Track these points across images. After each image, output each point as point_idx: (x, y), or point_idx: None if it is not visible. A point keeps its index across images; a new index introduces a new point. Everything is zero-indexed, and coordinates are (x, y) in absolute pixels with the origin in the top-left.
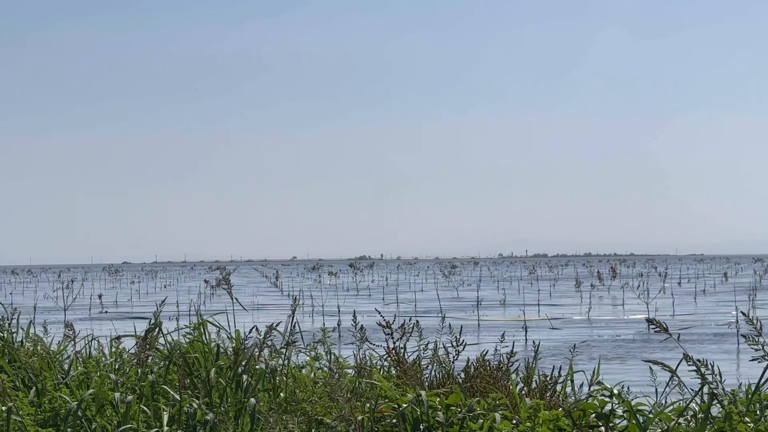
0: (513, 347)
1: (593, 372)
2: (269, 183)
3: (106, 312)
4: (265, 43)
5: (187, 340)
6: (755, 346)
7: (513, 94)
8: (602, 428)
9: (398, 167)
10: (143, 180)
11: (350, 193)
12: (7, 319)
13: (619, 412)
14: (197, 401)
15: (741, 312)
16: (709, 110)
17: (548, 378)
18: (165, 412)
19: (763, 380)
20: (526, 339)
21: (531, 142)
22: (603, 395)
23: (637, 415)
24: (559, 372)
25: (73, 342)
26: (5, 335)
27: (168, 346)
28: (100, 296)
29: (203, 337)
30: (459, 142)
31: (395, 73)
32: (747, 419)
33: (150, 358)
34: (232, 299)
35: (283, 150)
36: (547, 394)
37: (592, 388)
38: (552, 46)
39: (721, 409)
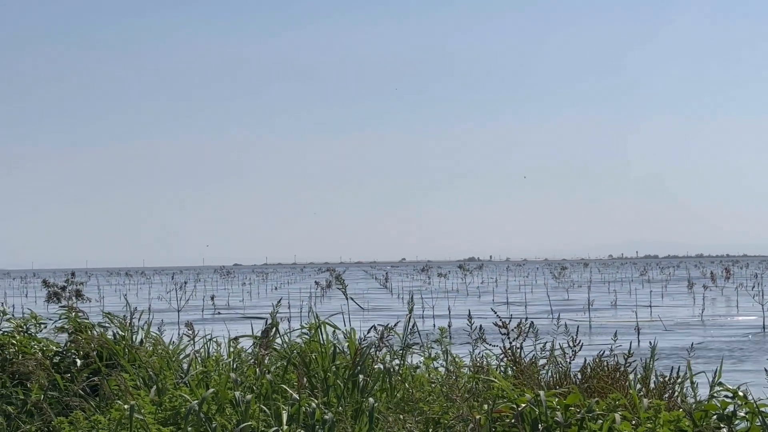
0: (630, 347)
1: (715, 373)
2: (377, 185)
3: (219, 313)
4: (331, 44)
5: (304, 340)
6: None
7: (606, 93)
8: (724, 430)
9: (508, 168)
10: (253, 183)
11: (460, 195)
12: (128, 319)
13: (741, 413)
14: (315, 401)
15: None
16: None
17: (667, 379)
18: (284, 411)
19: None
20: (638, 340)
21: (641, 142)
22: (725, 396)
23: (761, 416)
24: (677, 373)
25: (192, 342)
26: (126, 335)
27: (285, 346)
28: (212, 297)
29: (320, 338)
30: (566, 142)
31: (473, 71)
32: None
33: (267, 358)
34: (347, 298)
35: (390, 151)
36: (666, 395)
37: (713, 389)
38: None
39: None
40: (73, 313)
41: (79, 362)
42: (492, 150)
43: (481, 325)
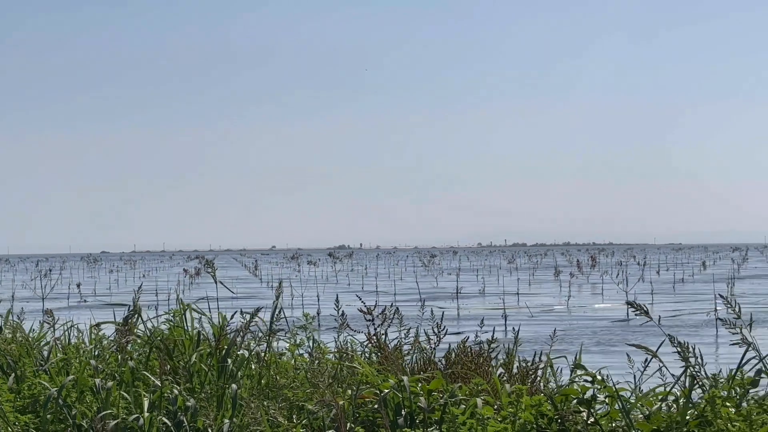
0: (493, 333)
1: (575, 358)
2: (247, 173)
3: (85, 301)
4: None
5: (168, 327)
6: (733, 331)
7: (493, 85)
8: (584, 413)
9: (376, 157)
10: (121, 170)
11: (329, 182)
12: None
13: (601, 397)
14: (178, 387)
15: (721, 296)
16: (696, 98)
17: (529, 364)
18: (145, 398)
19: (739, 365)
20: (505, 327)
21: (505, 131)
22: (585, 381)
23: (620, 400)
24: (539, 358)
25: (52, 329)
26: None
27: (148, 332)
28: (78, 285)
29: (184, 324)
30: (436, 133)
31: (381, 67)
32: (728, 403)
33: (130, 344)
34: (215, 282)
35: (261, 141)
36: (529, 380)
37: (573, 374)
38: (545, 38)
39: (701, 394)
40: None
41: None
42: (359, 141)
43: (344, 312)
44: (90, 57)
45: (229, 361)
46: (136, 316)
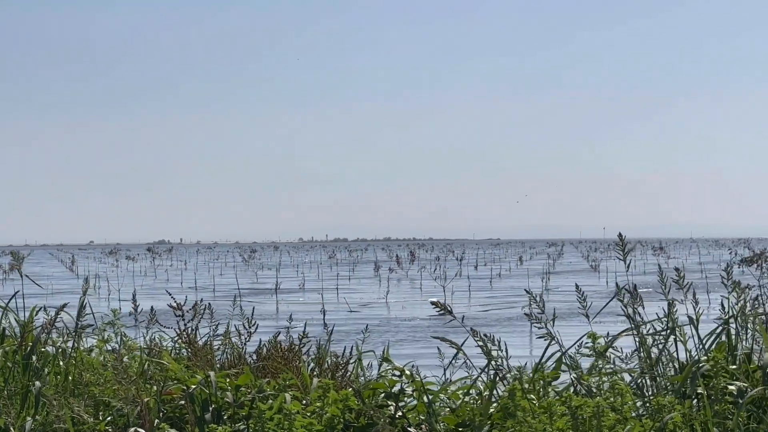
0: (305, 328)
1: (383, 352)
2: (64, 166)
3: None
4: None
5: None
6: (538, 325)
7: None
8: (392, 407)
9: (196, 152)
10: None
11: (148, 176)
12: None
13: (409, 390)
14: None
15: (529, 293)
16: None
17: (339, 358)
18: None
19: (545, 358)
20: (324, 322)
21: (324, 130)
22: (393, 375)
23: (426, 394)
24: (350, 352)
25: None
26: None
27: None
28: None
29: None
30: (255, 131)
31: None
32: (531, 396)
33: None
34: (21, 277)
35: (80, 136)
36: (338, 375)
37: (382, 368)
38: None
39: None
40: None
41: None
42: (176, 137)
43: (152, 307)
44: None
45: (34, 357)
46: None
